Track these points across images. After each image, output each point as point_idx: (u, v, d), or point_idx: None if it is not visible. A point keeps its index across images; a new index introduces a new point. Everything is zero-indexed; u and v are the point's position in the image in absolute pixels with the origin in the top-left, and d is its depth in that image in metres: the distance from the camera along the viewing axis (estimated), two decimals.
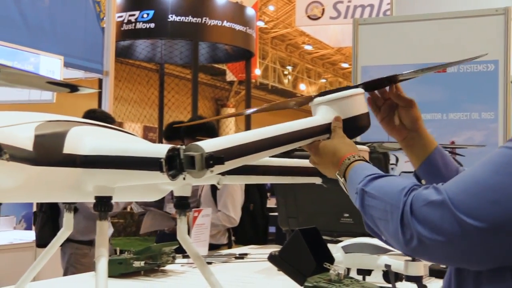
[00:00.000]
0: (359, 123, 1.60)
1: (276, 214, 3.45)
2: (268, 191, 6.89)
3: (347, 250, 2.27)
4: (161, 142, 8.23)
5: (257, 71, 20.06)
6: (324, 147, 1.56)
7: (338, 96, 1.59)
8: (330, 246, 2.05)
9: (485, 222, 1.12)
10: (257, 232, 4.58)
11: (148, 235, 8.24)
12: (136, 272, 2.70)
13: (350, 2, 14.41)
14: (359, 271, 2.25)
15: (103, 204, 1.45)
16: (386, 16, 11.35)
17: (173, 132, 4.90)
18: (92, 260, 4.08)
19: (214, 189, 4.22)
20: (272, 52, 24.52)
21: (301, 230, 1.92)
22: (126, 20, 12.56)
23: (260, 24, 20.13)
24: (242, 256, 3.38)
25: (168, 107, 15.60)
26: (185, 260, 3.05)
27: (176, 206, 1.69)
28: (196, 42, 12.77)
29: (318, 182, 1.83)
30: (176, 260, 2.89)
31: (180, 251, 2.74)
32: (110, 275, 1.41)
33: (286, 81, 25.81)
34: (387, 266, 2.14)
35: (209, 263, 3.10)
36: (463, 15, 4.61)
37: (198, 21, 12.56)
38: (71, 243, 4.23)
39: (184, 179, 1.35)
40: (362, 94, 1.62)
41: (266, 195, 5.07)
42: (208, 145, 1.36)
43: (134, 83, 16.25)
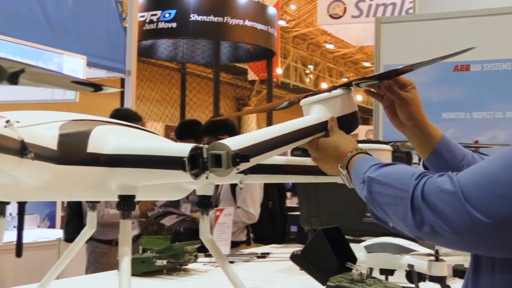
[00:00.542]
0: (350, 120, 1.64)
1: (297, 213, 3.44)
2: (289, 190, 6.89)
3: (369, 249, 2.26)
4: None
5: (278, 70, 20.01)
6: (325, 142, 1.58)
7: (330, 95, 1.63)
8: (353, 246, 2.04)
9: (491, 218, 1.13)
10: (275, 231, 4.58)
11: (169, 234, 8.28)
12: (159, 271, 2.71)
13: (372, 0, 14.33)
14: (382, 271, 2.24)
15: (126, 203, 1.45)
16: (408, 14, 11.28)
17: (184, 132, 4.93)
18: (111, 259, 4.13)
19: (233, 186, 4.22)
20: (294, 51, 24.48)
21: (323, 230, 1.91)
22: (148, 20, 12.61)
23: (282, 23, 20.11)
24: (264, 255, 3.38)
25: (190, 106, 15.66)
26: (207, 259, 3.06)
27: (199, 205, 1.69)
28: (218, 42, 12.79)
29: (340, 181, 1.83)
30: (198, 259, 2.90)
31: (202, 250, 2.74)
32: (132, 274, 1.41)
33: (307, 80, 25.75)
34: (410, 266, 2.13)
35: (231, 262, 3.10)
36: (487, 13, 4.57)
37: (219, 20, 12.58)
38: (91, 241, 4.27)
39: (206, 178, 1.36)
40: (351, 93, 1.66)
41: (285, 194, 5.07)
42: (232, 143, 1.36)
43: (156, 83, 16.32)
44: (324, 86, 26.48)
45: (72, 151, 1.34)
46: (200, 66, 17.55)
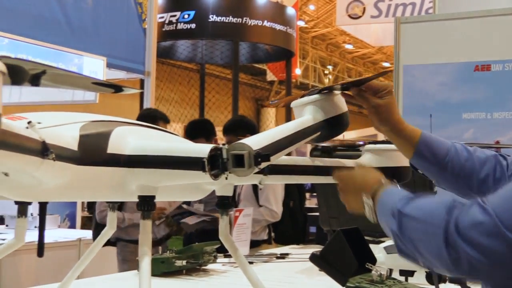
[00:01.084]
0: (341, 121, 1.69)
1: (316, 214, 3.44)
2: (308, 191, 6.88)
3: (389, 250, 2.25)
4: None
5: (297, 71, 19.99)
6: (352, 172, 1.58)
7: (322, 97, 1.67)
8: (372, 247, 2.03)
9: None
10: (296, 230, 4.58)
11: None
12: (178, 271, 2.72)
13: (391, 0, 14.27)
14: (402, 272, 2.23)
15: (146, 203, 1.46)
16: (428, 14, 11.21)
17: (196, 130, 4.94)
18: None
19: (255, 185, 4.23)
20: (313, 52, 24.43)
21: (342, 230, 1.91)
22: (167, 21, 12.65)
23: (301, 23, 20.08)
24: (283, 256, 3.38)
25: (209, 107, 15.68)
26: (226, 259, 3.06)
27: (218, 205, 1.70)
28: (236, 42, 12.79)
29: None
30: (218, 260, 2.91)
31: (222, 251, 2.75)
32: (152, 274, 1.42)
33: (326, 80, 25.68)
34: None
35: (250, 262, 3.10)
36: (509, 12, 4.52)
37: (238, 21, 12.58)
38: (120, 242, 4.33)
39: (226, 178, 1.36)
40: (339, 95, 1.71)
41: (305, 194, 5.06)
42: (252, 142, 1.37)
43: (175, 84, 16.36)
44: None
45: (92, 151, 1.35)
46: (219, 67, 17.58)
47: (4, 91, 1.04)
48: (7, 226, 6.16)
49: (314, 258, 1.93)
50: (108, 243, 2.82)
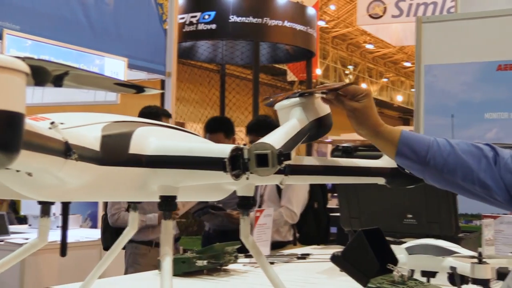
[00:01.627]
0: (326, 122, 1.71)
1: (337, 214, 3.43)
2: (329, 191, 6.85)
3: (410, 251, 2.24)
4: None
5: (318, 71, 19.93)
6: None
7: (307, 99, 1.68)
8: (394, 247, 2.02)
9: None
10: (320, 231, 4.58)
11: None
12: (199, 271, 2.73)
13: (412, 0, 14.19)
14: (424, 273, 2.22)
15: (167, 203, 1.47)
16: (450, 13, 11.13)
17: (216, 125, 5.02)
18: (151, 261, 4.17)
19: (279, 186, 4.23)
20: (333, 52, 24.37)
21: (364, 231, 1.90)
22: (188, 22, 12.67)
23: (321, 23, 20.04)
24: (304, 257, 3.38)
25: (229, 108, 15.69)
26: (247, 259, 3.07)
27: (239, 206, 1.70)
28: (257, 43, 12.80)
29: (381, 182, 1.81)
30: (238, 260, 2.91)
31: (242, 251, 2.75)
32: (173, 274, 1.43)
33: (347, 80, 25.60)
34: (453, 269, 2.10)
35: (271, 263, 3.10)
36: None
37: (259, 21, 12.58)
38: (130, 243, 4.32)
39: (247, 178, 1.36)
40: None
41: (327, 195, 5.06)
42: (273, 141, 1.38)
43: (196, 84, 16.40)
44: (364, 87, 26.29)
45: (114, 152, 1.36)
46: (239, 67, 17.59)
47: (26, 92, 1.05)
48: (30, 225, 6.23)
49: (335, 259, 1.93)
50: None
